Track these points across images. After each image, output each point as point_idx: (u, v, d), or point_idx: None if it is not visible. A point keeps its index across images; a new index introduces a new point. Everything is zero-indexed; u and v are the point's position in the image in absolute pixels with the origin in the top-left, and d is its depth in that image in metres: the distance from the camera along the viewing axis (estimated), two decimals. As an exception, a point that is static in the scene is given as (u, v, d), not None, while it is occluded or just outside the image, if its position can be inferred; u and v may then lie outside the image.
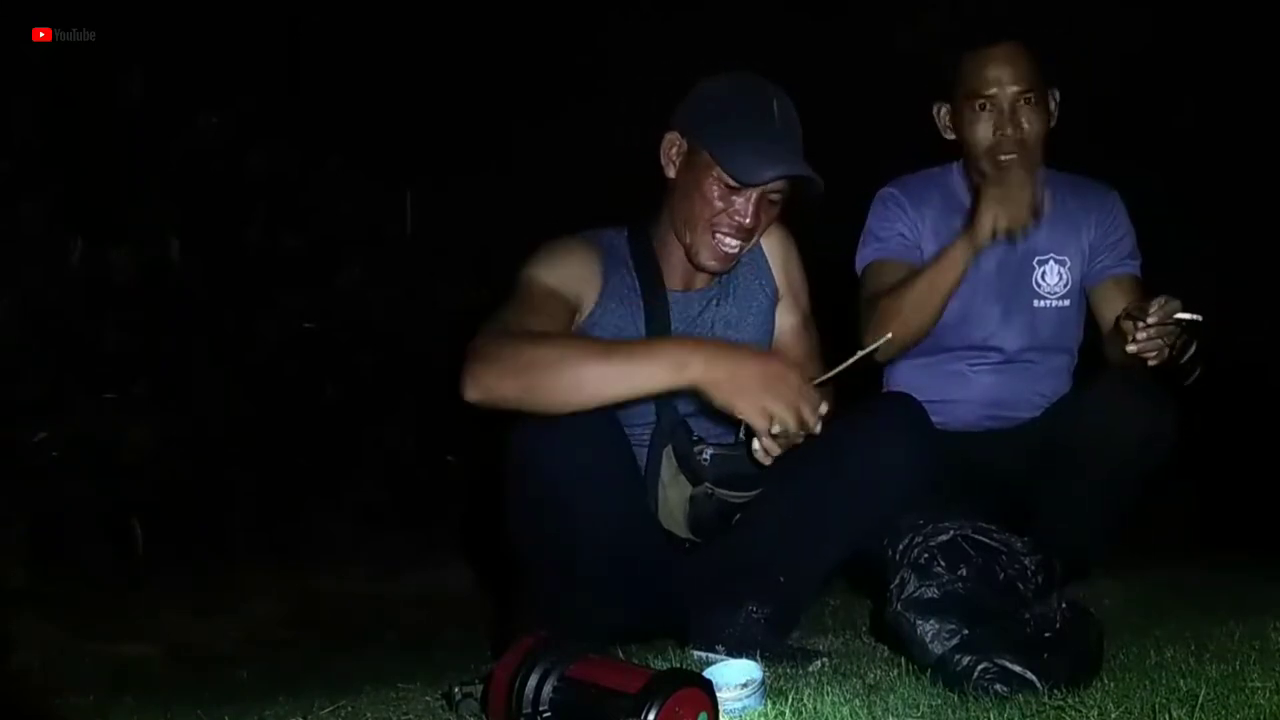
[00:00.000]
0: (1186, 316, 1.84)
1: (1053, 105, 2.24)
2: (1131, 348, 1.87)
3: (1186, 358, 1.92)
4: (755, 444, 1.66)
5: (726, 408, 1.57)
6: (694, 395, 1.61)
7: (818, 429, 1.60)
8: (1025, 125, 2.19)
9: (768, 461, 1.68)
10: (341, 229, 3.86)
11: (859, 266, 2.32)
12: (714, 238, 1.83)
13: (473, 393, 1.60)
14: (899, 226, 2.31)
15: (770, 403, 1.55)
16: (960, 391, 2.32)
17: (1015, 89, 2.17)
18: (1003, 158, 2.19)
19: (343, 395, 3.71)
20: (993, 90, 2.18)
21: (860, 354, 1.73)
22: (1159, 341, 1.86)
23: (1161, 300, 1.86)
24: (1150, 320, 1.84)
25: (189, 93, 3.50)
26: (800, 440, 1.63)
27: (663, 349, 1.61)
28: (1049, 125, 2.22)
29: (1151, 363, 1.88)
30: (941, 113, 2.29)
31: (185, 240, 3.39)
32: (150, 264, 3.33)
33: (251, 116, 3.58)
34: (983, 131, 2.21)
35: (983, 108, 2.20)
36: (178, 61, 3.45)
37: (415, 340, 3.89)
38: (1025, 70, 2.18)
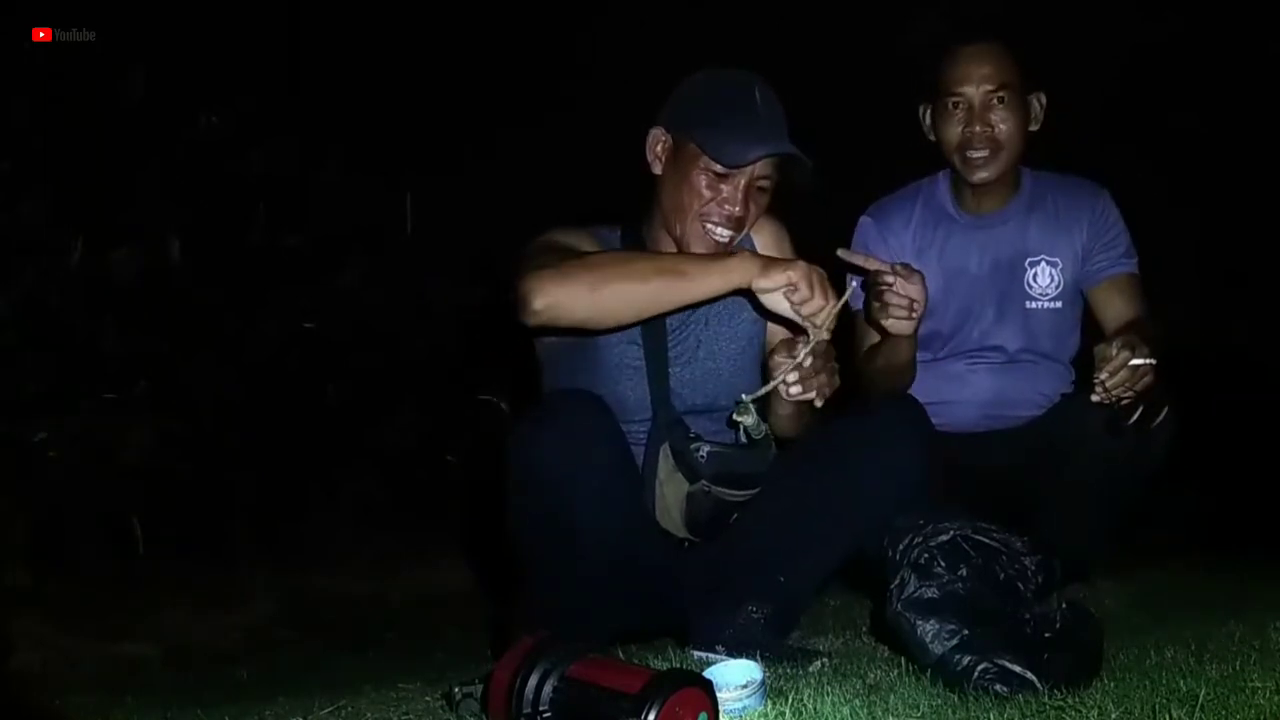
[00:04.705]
0: (1139, 362, 1.84)
1: (1036, 108, 2.24)
2: (1095, 399, 1.89)
3: (1148, 402, 1.91)
4: (784, 379, 1.67)
5: (765, 287, 1.65)
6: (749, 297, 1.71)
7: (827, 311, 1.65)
8: (996, 124, 2.19)
9: (795, 390, 1.68)
10: (341, 229, 3.86)
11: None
12: (704, 228, 1.83)
13: (539, 301, 1.64)
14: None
15: (796, 274, 1.64)
16: (960, 392, 2.31)
17: (986, 87, 2.17)
18: (971, 154, 2.20)
19: (343, 395, 3.71)
20: (964, 87, 2.18)
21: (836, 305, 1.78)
22: (1120, 390, 1.87)
23: (1113, 351, 1.85)
24: (1103, 378, 1.85)
25: (189, 92, 3.50)
26: (820, 372, 1.67)
27: (715, 259, 1.73)
28: (1026, 127, 2.22)
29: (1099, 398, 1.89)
30: (925, 114, 2.29)
31: (185, 240, 3.39)
32: (150, 264, 3.33)
33: (251, 116, 3.59)
34: (954, 128, 2.22)
35: (955, 105, 2.20)
36: (178, 61, 3.45)
37: (415, 340, 3.89)
38: (997, 69, 2.17)
